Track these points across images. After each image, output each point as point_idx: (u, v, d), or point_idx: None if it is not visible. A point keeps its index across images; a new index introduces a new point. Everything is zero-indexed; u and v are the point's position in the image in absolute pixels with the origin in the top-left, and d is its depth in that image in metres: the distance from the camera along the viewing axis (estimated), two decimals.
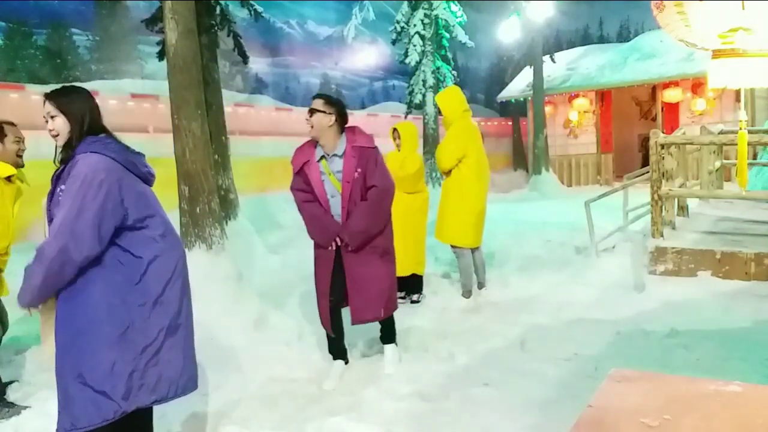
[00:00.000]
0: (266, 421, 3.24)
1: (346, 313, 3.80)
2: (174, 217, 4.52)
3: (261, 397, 3.55)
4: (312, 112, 3.56)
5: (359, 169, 3.55)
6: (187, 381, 2.47)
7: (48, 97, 2.41)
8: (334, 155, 3.60)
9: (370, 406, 3.34)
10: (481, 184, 5.37)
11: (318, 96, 3.66)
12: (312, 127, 3.56)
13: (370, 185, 3.59)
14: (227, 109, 8.14)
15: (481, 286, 5.56)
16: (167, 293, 2.39)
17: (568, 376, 3.59)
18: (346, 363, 3.90)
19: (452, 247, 5.43)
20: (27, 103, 7.51)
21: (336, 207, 3.59)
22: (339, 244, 3.59)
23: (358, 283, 3.64)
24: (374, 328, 4.01)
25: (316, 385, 3.71)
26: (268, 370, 3.83)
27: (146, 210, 2.40)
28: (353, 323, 3.72)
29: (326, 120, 3.56)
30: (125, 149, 2.43)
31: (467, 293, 5.40)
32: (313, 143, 3.67)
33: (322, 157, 3.62)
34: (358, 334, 4.19)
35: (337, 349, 3.87)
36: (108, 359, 2.24)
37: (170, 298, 2.40)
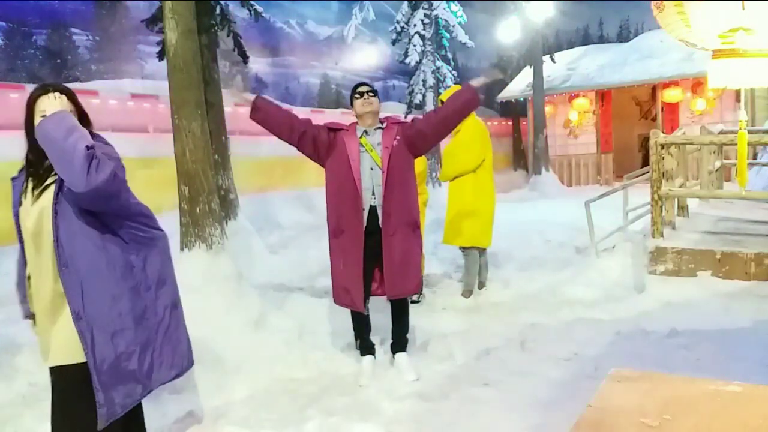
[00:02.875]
0: (266, 421, 3.23)
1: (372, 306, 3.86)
2: (174, 217, 4.55)
3: (261, 397, 3.55)
4: (374, 92, 3.83)
5: (398, 137, 3.72)
6: (191, 354, 2.62)
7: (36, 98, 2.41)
8: (377, 128, 3.78)
9: (370, 406, 3.34)
10: (493, 182, 5.42)
11: (364, 84, 3.92)
12: (372, 103, 3.77)
13: (416, 125, 3.81)
14: (227, 109, 8.13)
15: (481, 285, 5.56)
16: (165, 274, 2.53)
17: (568, 376, 3.58)
18: (375, 357, 3.92)
19: (462, 248, 5.42)
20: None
21: (377, 178, 3.66)
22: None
23: (399, 256, 3.68)
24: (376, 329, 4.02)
25: (316, 385, 3.71)
26: (268, 370, 3.83)
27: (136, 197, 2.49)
28: (392, 297, 3.74)
29: (379, 105, 3.83)
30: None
31: (468, 293, 5.40)
32: (353, 127, 3.83)
33: (364, 131, 3.77)
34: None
35: (366, 346, 3.90)
36: (132, 341, 2.34)
37: (168, 278, 2.54)
